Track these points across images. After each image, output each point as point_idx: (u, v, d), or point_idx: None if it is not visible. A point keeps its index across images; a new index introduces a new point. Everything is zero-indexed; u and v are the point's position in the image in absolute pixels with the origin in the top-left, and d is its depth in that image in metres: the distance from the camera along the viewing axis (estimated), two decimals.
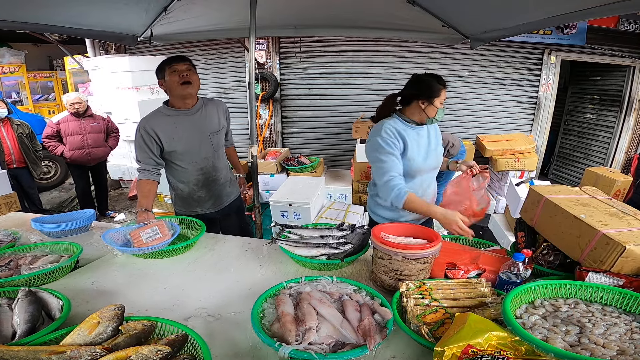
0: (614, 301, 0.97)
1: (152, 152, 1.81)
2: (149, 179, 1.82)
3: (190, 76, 1.78)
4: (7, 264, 1.36)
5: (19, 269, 1.33)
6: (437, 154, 1.77)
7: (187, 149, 1.88)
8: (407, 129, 1.66)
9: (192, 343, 0.91)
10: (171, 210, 3.95)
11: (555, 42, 4.26)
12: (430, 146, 1.74)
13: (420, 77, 1.65)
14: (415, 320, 0.99)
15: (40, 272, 1.28)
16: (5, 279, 1.23)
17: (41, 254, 1.46)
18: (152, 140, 1.80)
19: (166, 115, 1.85)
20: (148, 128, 1.79)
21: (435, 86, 1.60)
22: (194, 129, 1.87)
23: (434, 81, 1.61)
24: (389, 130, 1.62)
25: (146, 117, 1.84)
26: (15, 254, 1.46)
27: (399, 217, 1.75)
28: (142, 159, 1.83)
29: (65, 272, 1.39)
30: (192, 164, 1.92)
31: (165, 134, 1.81)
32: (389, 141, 1.60)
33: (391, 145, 1.60)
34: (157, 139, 1.80)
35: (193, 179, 1.95)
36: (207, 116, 1.92)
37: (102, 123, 4.05)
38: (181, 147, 1.86)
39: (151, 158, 1.82)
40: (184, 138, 1.85)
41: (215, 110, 1.96)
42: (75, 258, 1.42)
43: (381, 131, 1.63)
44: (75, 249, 1.49)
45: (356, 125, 4.43)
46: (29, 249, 1.52)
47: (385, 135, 1.61)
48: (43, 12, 1.90)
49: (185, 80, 1.76)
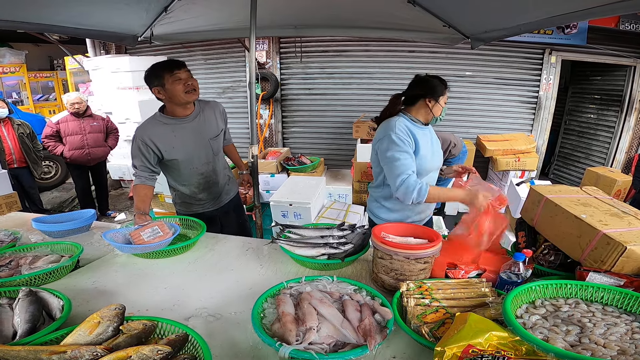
0: (615, 301, 0.97)
1: (149, 161, 1.78)
2: (145, 184, 1.80)
3: (193, 83, 1.73)
4: (7, 264, 1.36)
5: (19, 269, 1.33)
6: (440, 154, 1.80)
7: (187, 157, 1.85)
8: (415, 128, 1.65)
9: (193, 343, 0.91)
10: (172, 210, 3.97)
11: (556, 42, 4.25)
12: (434, 146, 1.75)
13: (425, 77, 1.68)
14: (416, 320, 0.99)
15: (40, 272, 1.28)
16: (6, 279, 1.24)
17: (42, 254, 1.46)
18: (149, 150, 1.76)
19: (164, 124, 1.79)
20: (146, 138, 1.74)
21: (440, 85, 1.65)
22: (194, 137, 1.84)
23: (438, 81, 1.66)
24: (402, 128, 1.60)
25: (143, 125, 1.79)
26: (16, 254, 1.46)
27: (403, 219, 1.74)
28: (138, 166, 1.80)
29: (66, 272, 1.39)
30: (193, 169, 1.90)
31: (164, 143, 1.78)
32: (403, 139, 1.58)
33: (406, 143, 1.58)
34: (156, 149, 1.77)
35: (194, 182, 1.94)
36: (206, 121, 1.88)
37: (102, 123, 4.05)
38: (181, 156, 1.83)
39: (147, 167, 1.79)
40: (183, 147, 1.82)
41: (212, 113, 1.92)
42: (76, 258, 1.42)
43: (395, 129, 1.59)
44: (75, 249, 1.49)
45: (356, 125, 4.43)
46: (29, 248, 1.52)
47: (399, 133, 1.58)
48: (44, 12, 1.90)
49: (191, 89, 1.71)
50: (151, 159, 1.78)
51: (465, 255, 1.32)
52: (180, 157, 1.83)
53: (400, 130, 1.59)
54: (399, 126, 1.60)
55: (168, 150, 1.79)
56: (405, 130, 1.60)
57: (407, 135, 1.59)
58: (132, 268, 1.47)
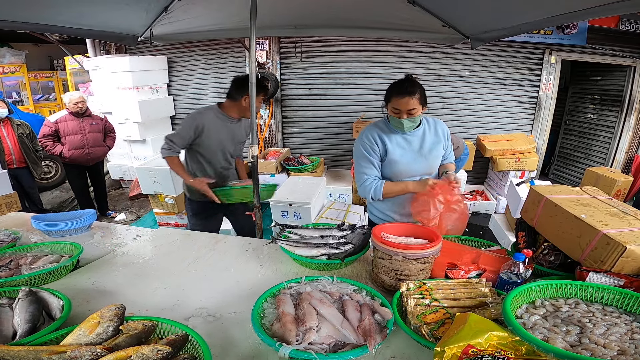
0: (615, 301, 0.97)
1: (187, 141, 2.18)
2: (176, 156, 2.21)
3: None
4: (7, 264, 1.36)
5: (19, 269, 1.33)
6: (428, 159, 1.72)
7: (218, 147, 2.26)
8: (388, 134, 1.67)
9: (193, 343, 0.91)
10: (172, 211, 3.97)
11: (555, 42, 4.25)
12: (422, 151, 1.71)
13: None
14: (416, 320, 0.99)
15: (40, 272, 1.28)
16: (6, 279, 1.23)
17: (42, 254, 1.46)
18: (197, 132, 2.14)
19: (218, 117, 2.22)
20: (199, 122, 2.13)
21: (389, 91, 1.59)
22: (230, 135, 2.29)
23: (392, 86, 1.58)
24: (368, 134, 1.68)
25: (201, 111, 2.21)
26: (16, 254, 1.46)
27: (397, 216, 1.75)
28: (177, 142, 2.16)
29: (66, 272, 1.39)
30: (216, 160, 2.29)
31: (212, 130, 2.18)
32: (366, 146, 1.67)
33: (368, 149, 1.67)
34: (201, 130, 2.14)
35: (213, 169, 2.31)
36: (240, 128, 2.35)
37: (101, 123, 4.04)
38: (214, 145, 2.23)
39: (184, 145, 2.19)
40: (221, 140, 2.24)
41: (243, 126, 2.39)
42: (76, 258, 1.42)
43: (361, 135, 1.71)
44: (75, 249, 1.49)
45: (356, 125, 4.43)
46: (29, 248, 1.52)
47: (364, 140, 1.68)
48: (44, 12, 1.90)
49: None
50: (191, 139, 2.18)
51: (465, 255, 1.32)
52: (213, 145, 2.25)
53: (366, 137, 1.68)
54: (365, 133, 1.69)
55: (211, 136, 2.20)
56: (371, 137, 1.67)
57: (372, 142, 1.66)
58: (132, 268, 1.47)
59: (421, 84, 1.58)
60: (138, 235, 1.83)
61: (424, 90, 1.59)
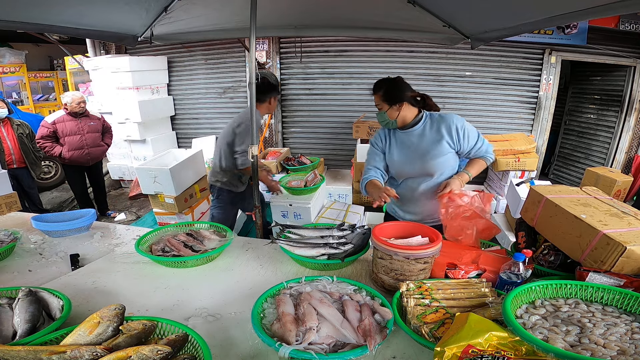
0: (615, 301, 0.97)
1: None
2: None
3: None
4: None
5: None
6: (424, 160, 1.67)
7: None
8: (395, 131, 1.78)
9: (193, 343, 0.91)
10: (172, 211, 3.97)
11: (555, 42, 4.25)
12: (417, 152, 1.68)
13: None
14: (416, 320, 0.99)
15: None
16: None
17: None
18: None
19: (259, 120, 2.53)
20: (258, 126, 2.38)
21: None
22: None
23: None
24: (380, 131, 1.84)
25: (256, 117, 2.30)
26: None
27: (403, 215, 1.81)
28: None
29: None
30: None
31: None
32: (374, 142, 1.84)
33: (375, 145, 1.83)
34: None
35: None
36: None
37: (99, 122, 4.03)
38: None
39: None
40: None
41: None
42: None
43: (376, 132, 1.88)
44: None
45: (356, 125, 4.43)
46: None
47: (375, 135, 1.85)
48: (44, 12, 1.90)
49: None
50: None
51: (465, 255, 1.32)
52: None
53: (377, 132, 1.86)
54: (378, 130, 1.85)
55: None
56: (380, 132, 1.84)
57: (379, 139, 1.82)
58: (132, 268, 1.47)
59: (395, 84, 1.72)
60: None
61: (393, 89, 1.70)
